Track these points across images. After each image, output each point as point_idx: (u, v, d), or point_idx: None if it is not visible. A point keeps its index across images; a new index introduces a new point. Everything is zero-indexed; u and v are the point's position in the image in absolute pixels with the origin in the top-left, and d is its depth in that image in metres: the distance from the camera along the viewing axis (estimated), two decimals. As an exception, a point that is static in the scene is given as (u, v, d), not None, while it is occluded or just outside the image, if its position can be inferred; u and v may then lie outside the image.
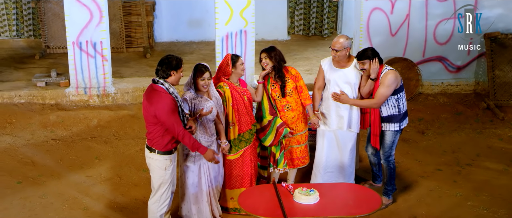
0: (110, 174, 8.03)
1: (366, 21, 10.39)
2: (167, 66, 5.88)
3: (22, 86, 10.21)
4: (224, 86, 6.62)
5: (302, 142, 7.19)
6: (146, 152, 6.11)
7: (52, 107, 9.82)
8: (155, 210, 6.25)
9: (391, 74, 6.81)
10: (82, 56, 9.80)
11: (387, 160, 7.24)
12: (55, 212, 7.03)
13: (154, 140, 5.95)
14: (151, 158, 6.06)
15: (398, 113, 7.02)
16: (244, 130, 6.71)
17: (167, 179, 6.14)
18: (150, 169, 6.16)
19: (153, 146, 5.99)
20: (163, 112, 5.77)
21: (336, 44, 7.04)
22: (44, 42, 12.93)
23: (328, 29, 14.57)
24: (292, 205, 5.82)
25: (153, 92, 5.87)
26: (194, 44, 14.01)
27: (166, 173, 6.10)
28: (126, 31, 13.15)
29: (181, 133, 5.86)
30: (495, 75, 10.46)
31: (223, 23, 9.83)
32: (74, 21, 9.63)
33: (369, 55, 6.85)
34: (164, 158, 6.03)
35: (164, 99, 5.79)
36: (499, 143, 9.24)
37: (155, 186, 6.19)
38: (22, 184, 7.69)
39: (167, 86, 5.88)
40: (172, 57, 5.95)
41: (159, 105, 5.77)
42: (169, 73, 5.90)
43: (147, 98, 5.90)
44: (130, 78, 10.84)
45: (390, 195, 7.37)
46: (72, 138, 9.11)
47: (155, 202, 6.23)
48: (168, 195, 6.25)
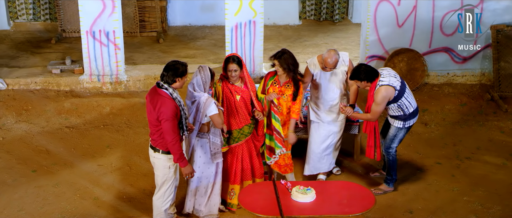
0: (120, 163, 8.37)
1: (373, 13, 10.54)
2: (173, 73, 6.10)
3: (38, 73, 10.55)
4: (218, 83, 6.93)
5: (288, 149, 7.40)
6: (150, 152, 6.42)
7: (67, 94, 10.16)
8: (159, 205, 6.57)
9: (381, 92, 7.01)
10: (95, 45, 10.11)
11: (387, 151, 7.56)
12: (67, 202, 7.39)
13: (158, 141, 6.25)
14: (155, 157, 6.37)
15: (402, 114, 7.30)
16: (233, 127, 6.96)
17: (171, 176, 6.45)
18: (155, 167, 6.47)
19: (157, 146, 6.29)
20: (164, 116, 6.03)
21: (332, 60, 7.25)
22: (60, 26, 13.23)
23: (339, 14, 14.70)
24: (290, 203, 6.10)
25: (157, 96, 6.12)
26: (207, 29, 14.23)
27: (170, 171, 6.40)
28: (139, 16, 13.40)
29: (173, 141, 6.11)
30: (501, 66, 10.59)
31: (232, 13, 10.05)
32: (88, 11, 9.93)
33: (361, 77, 7.07)
34: (168, 157, 6.32)
35: (167, 105, 6.04)
36: (500, 136, 9.42)
37: (159, 183, 6.50)
38: (37, 173, 8.06)
39: (171, 91, 6.13)
40: (178, 64, 6.17)
41: (162, 110, 6.03)
42: (175, 80, 6.14)
43: (151, 101, 6.16)
44: (142, 65, 11.13)
45: (390, 184, 7.70)
46: (85, 125, 9.45)
47: (160, 197, 6.55)
48: (171, 190, 6.56)
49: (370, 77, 7.05)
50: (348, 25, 14.52)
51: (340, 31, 14.03)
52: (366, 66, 7.11)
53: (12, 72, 10.56)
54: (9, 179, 7.87)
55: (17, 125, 9.33)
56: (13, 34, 13.44)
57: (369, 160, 8.49)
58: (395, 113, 7.28)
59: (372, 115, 7.17)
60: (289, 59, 7.04)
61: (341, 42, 13.05)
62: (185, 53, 12.10)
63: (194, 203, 7.06)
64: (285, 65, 7.00)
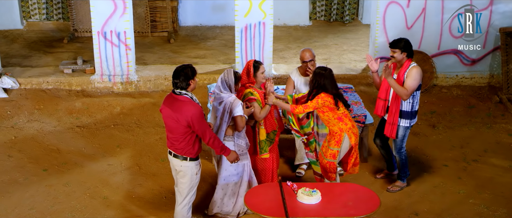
0: (130, 163, 8.48)
1: (382, 14, 10.59)
2: (185, 78, 6.11)
3: (50, 73, 10.70)
4: (254, 92, 6.89)
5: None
6: (176, 162, 6.35)
7: (78, 94, 10.30)
8: (185, 214, 6.60)
9: (418, 71, 7.24)
10: (106, 45, 10.24)
11: (399, 152, 7.64)
12: (77, 201, 7.50)
13: (186, 149, 6.24)
14: (183, 166, 6.33)
15: (410, 110, 7.38)
16: (270, 129, 7.08)
17: (197, 182, 6.52)
18: (181, 175, 6.41)
19: (185, 154, 6.28)
20: (196, 120, 6.07)
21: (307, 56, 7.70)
22: (72, 26, 13.38)
23: (350, 15, 14.75)
24: (295, 204, 6.16)
25: (179, 103, 6.12)
26: (217, 29, 14.33)
27: (197, 176, 6.46)
28: (151, 16, 13.52)
29: (212, 137, 6.24)
30: (509, 69, 10.61)
31: (242, 15, 10.16)
32: (99, 12, 10.07)
33: (401, 46, 7.25)
34: (195, 163, 6.37)
35: (194, 108, 6.08)
36: (508, 139, 9.44)
37: (185, 191, 6.48)
38: (48, 172, 8.19)
39: (191, 95, 6.18)
40: (186, 68, 6.17)
41: (191, 113, 6.05)
42: (189, 83, 6.16)
43: (173, 110, 6.12)
44: (153, 65, 11.25)
45: (404, 179, 7.86)
46: (96, 125, 9.57)
47: (185, 206, 6.56)
48: (194, 196, 6.63)
49: (408, 50, 7.27)
50: (358, 26, 14.57)
51: (350, 32, 14.08)
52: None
53: (25, 72, 10.72)
54: (21, 178, 8.00)
55: (29, 124, 9.47)
56: (26, 33, 13.62)
57: (374, 162, 8.56)
58: (405, 107, 7.35)
59: (407, 89, 7.18)
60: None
61: (351, 43, 13.10)
62: (195, 54, 12.21)
63: (222, 204, 7.13)
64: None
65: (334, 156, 7.12)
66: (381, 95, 7.62)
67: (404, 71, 7.26)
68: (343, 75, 10.85)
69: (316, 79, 6.91)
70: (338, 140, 7.07)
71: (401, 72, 7.28)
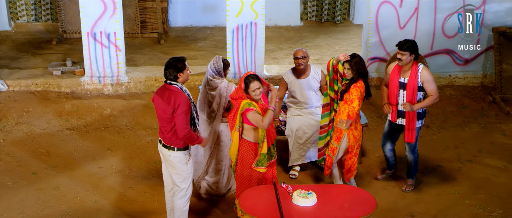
0: (121, 166, 8.35)
1: (375, 14, 10.51)
2: (174, 70, 6.20)
3: (39, 75, 10.53)
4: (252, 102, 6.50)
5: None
6: (164, 152, 6.39)
7: (67, 96, 10.14)
8: (182, 205, 6.57)
9: (428, 72, 7.24)
10: (96, 47, 10.09)
11: (413, 151, 7.62)
12: (68, 205, 7.37)
13: (173, 139, 6.27)
14: (171, 156, 6.36)
15: (422, 110, 7.38)
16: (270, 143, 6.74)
17: (190, 172, 6.50)
18: (172, 167, 6.43)
19: (172, 144, 6.31)
20: (181, 109, 6.10)
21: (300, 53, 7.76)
22: (61, 27, 13.22)
23: (341, 15, 14.67)
24: (290, 207, 6.07)
25: (168, 92, 6.19)
26: (208, 30, 14.21)
27: (188, 166, 6.44)
28: (140, 17, 13.38)
29: (188, 133, 6.19)
30: (503, 69, 10.57)
31: (233, 15, 10.04)
32: (89, 13, 9.91)
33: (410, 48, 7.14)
34: (183, 153, 6.37)
35: (182, 98, 6.13)
36: (502, 139, 9.40)
37: (179, 182, 6.47)
38: (37, 175, 8.04)
39: (180, 86, 6.23)
40: (175, 60, 6.25)
41: (178, 102, 6.11)
42: (177, 75, 6.21)
43: (163, 98, 6.20)
44: (143, 67, 11.11)
45: (414, 177, 7.83)
46: (86, 127, 9.43)
47: (182, 197, 6.54)
48: (191, 187, 6.59)
49: (414, 51, 7.15)
50: (350, 27, 14.50)
51: (341, 32, 14.00)
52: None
53: (13, 74, 10.55)
54: (10, 182, 7.85)
55: (18, 127, 9.31)
56: (14, 35, 13.44)
57: (370, 163, 8.49)
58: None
59: (434, 94, 7.19)
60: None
61: (342, 43, 13.03)
62: (186, 55, 11.79)
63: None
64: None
65: (333, 151, 7.21)
66: (392, 100, 7.45)
67: (415, 75, 7.17)
68: (335, 76, 10.75)
69: (357, 67, 6.90)
70: (339, 136, 7.15)
71: (412, 76, 7.17)
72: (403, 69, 7.27)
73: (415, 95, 7.21)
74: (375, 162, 8.59)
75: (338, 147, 7.17)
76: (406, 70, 7.25)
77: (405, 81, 7.22)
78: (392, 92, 7.39)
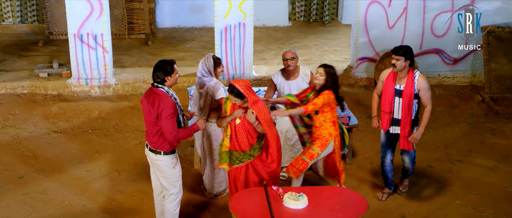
0: (109, 169, 8.25)
1: (364, 14, 10.49)
2: (162, 73, 6.11)
3: (25, 77, 10.42)
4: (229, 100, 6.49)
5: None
6: (151, 156, 6.30)
7: (54, 98, 10.03)
8: (172, 209, 6.49)
9: (425, 79, 7.00)
10: (83, 48, 9.99)
11: (413, 162, 7.46)
12: (55, 209, 7.26)
13: (158, 142, 6.18)
14: (158, 160, 6.27)
15: (415, 117, 7.19)
16: (231, 148, 6.59)
17: (178, 176, 6.41)
18: (159, 170, 6.34)
19: (158, 148, 6.21)
20: (165, 113, 6.01)
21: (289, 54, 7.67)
22: (47, 29, 13.10)
23: (329, 15, 14.65)
24: (281, 209, 5.99)
25: (154, 95, 6.11)
26: (196, 31, 14.14)
27: (175, 171, 6.35)
28: (128, 18, 13.29)
29: (175, 137, 6.09)
30: (491, 68, 10.57)
31: (222, 16, 9.98)
32: (75, 14, 9.81)
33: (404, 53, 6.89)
34: (170, 157, 6.28)
35: (166, 102, 6.03)
36: (492, 138, 9.39)
37: (168, 186, 6.39)
38: (24, 179, 7.92)
39: (167, 89, 6.13)
40: (164, 63, 6.15)
41: (162, 107, 6.01)
42: (164, 79, 6.12)
43: (149, 101, 6.11)
44: (131, 68, 11.02)
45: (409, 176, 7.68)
46: (73, 130, 9.32)
47: (172, 201, 6.46)
48: (181, 190, 6.52)
49: (410, 57, 6.90)
50: (338, 27, 14.48)
51: (330, 32, 13.98)
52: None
53: (-2, 76, 10.44)
54: (-4, 186, 7.75)
55: (4, 130, 9.18)
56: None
57: (361, 163, 8.46)
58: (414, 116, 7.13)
59: (430, 103, 7.02)
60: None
61: (331, 44, 13.00)
62: (174, 56, 11.99)
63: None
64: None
65: (312, 157, 7.02)
66: (385, 108, 7.18)
67: (412, 81, 6.93)
68: (324, 76, 10.71)
69: (330, 77, 6.79)
70: (324, 143, 6.96)
71: (409, 82, 6.94)
72: (399, 76, 7.02)
73: (411, 103, 6.99)
74: (366, 162, 8.54)
75: (319, 153, 7.04)
76: (401, 77, 7.00)
77: (401, 88, 6.99)
78: (386, 99, 7.13)
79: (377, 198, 7.65)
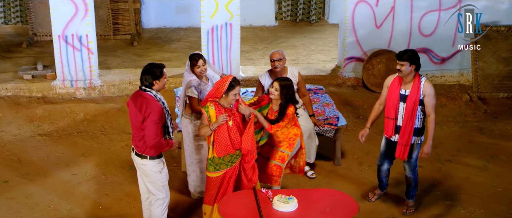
0: (95, 172, 8.13)
1: (351, 14, 10.45)
2: (150, 77, 6.01)
3: (9, 79, 10.27)
4: (210, 106, 6.34)
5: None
6: (136, 160, 6.20)
7: (39, 101, 9.90)
8: (159, 214, 6.40)
9: (431, 86, 6.80)
10: (68, 50, 9.87)
11: (414, 172, 7.19)
12: (41, 214, 7.14)
13: (144, 147, 6.08)
14: (144, 165, 6.17)
15: (421, 126, 6.99)
16: (222, 153, 6.43)
17: (164, 180, 6.31)
18: (145, 175, 6.25)
19: (144, 152, 6.11)
20: (151, 118, 5.92)
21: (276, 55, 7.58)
22: (31, 30, 12.93)
23: (316, 15, 14.60)
24: (271, 212, 5.93)
25: (141, 99, 6.01)
26: (182, 31, 14.03)
27: (161, 176, 6.26)
28: (113, 18, 13.15)
29: (157, 143, 5.99)
30: (479, 67, 10.56)
31: (208, 16, 9.89)
32: (60, 15, 9.68)
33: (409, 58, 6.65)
34: (157, 161, 6.18)
35: (153, 106, 5.94)
36: (480, 137, 9.38)
37: (154, 190, 6.30)
38: (9, 184, 7.79)
39: (155, 93, 6.04)
40: (153, 66, 6.05)
41: (148, 111, 5.92)
42: (152, 83, 6.03)
43: (136, 105, 6.01)
44: (117, 69, 10.90)
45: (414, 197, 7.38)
46: (58, 133, 9.19)
47: (159, 206, 6.37)
48: (168, 196, 6.43)
49: (415, 61, 6.67)
50: (325, 26, 14.43)
51: (317, 32, 13.93)
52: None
53: (-18, 79, 10.28)
54: (-20, 191, 7.61)
55: (-13, 133, 9.06)
56: (-18, 38, 13.12)
57: (349, 164, 8.40)
58: (417, 124, 6.91)
59: (434, 113, 6.85)
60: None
61: (318, 43, 12.95)
62: (160, 57, 11.89)
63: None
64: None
65: (283, 159, 6.99)
66: (390, 114, 6.94)
67: (417, 87, 6.75)
68: (312, 76, 10.67)
69: (286, 91, 6.68)
70: (292, 143, 6.95)
71: (415, 87, 6.75)
72: (404, 81, 6.81)
73: (415, 109, 6.79)
74: (354, 163, 8.49)
75: (289, 154, 6.96)
76: (407, 81, 6.79)
77: (406, 94, 6.79)
78: (391, 104, 6.91)
79: (367, 198, 7.58)
